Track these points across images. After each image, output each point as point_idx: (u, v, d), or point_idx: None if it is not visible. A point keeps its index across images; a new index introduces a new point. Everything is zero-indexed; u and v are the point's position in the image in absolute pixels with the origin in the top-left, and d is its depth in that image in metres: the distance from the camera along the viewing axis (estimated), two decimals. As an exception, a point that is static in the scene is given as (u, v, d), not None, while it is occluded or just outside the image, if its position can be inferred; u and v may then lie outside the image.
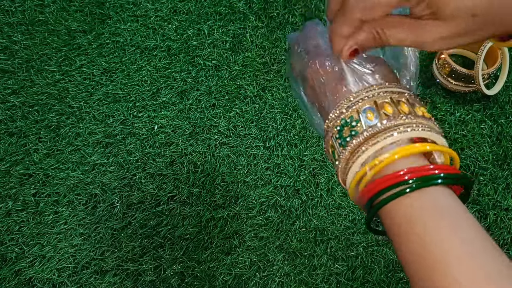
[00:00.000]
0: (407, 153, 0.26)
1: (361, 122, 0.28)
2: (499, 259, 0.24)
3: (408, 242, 0.25)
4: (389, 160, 0.26)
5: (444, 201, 0.25)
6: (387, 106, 0.28)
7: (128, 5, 1.04)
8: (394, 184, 0.26)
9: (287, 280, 0.79)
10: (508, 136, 0.90)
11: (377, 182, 0.26)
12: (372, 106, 0.28)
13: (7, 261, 0.80)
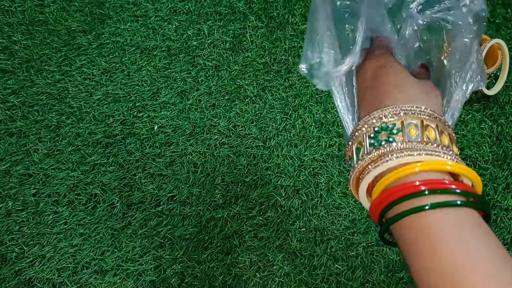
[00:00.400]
0: (427, 167, 0.26)
1: (402, 133, 0.27)
2: None
3: (425, 260, 0.24)
4: (409, 171, 0.26)
5: (465, 219, 0.25)
6: (431, 130, 0.28)
7: (128, 5, 1.04)
8: (410, 194, 0.25)
9: (287, 280, 0.79)
10: (508, 136, 0.90)
11: (391, 191, 0.26)
12: (418, 124, 0.28)
13: (7, 261, 0.80)
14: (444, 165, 0.26)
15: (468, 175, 0.26)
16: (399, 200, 0.25)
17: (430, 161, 0.26)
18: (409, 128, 0.27)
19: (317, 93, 0.95)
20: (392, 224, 0.26)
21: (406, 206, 0.25)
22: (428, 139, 0.27)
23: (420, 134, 0.27)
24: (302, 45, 0.99)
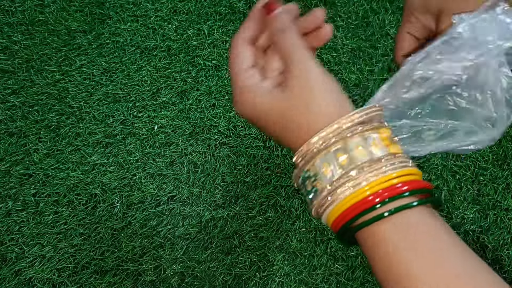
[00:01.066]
0: (376, 188, 0.27)
1: (325, 172, 0.29)
2: (477, 267, 0.26)
3: (382, 264, 0.26)
4: (361, 196, 0.27)
5: (414, 219, 0.26)
6: (358, 148, 0.28)
7: (128, 5, 1.04)
8: (364, 210, 0.27)
9: (287, 280, 0.79)
10: (508, 136, 0.90)
11: (349, 211, 0.27)
12: (342, 150, 0.29)
13: (7, 261, 0.80)
14: (389, 181, 0.27)
15: (411, 178, 0.27)
16: (356, 217, 0.27)
17: (376, 181, 0.27)
18: (333, 162, 0.28)
19: (317, 93, 0.95)
20: (356, 232, 0.28)
21: (364, 219, 0.27)
22: (356, 163, 0.27)
23: (348, 160, 0.27)
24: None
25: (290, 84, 0.29)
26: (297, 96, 0.29)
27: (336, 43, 1.00)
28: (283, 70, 0.31)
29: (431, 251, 0.26)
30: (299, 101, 0.29)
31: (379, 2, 1.05)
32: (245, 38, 0.32)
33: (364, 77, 0.96)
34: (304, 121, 0.28)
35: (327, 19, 0.34)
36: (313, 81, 0.29)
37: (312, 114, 0.28)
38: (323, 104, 0.28)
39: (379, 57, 0.98)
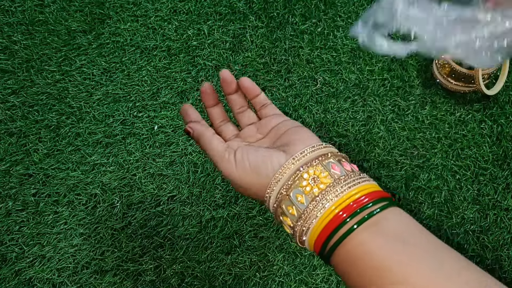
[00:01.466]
0: (343, 206, 0.30)
1: (292, 206, 0.33)
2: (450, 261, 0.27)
3: (364, 274, 0.28)
4: (332, 215, 0.30)
5: (386, 224, 0.29)
6: (321, 174, 0.33)
7: (128, 5, 1.04)
8: (336, 227, 0.29)
9: (287, 280, 0.79)
10: (508, 136, 0.90)
11: (322, 233, 0.30)
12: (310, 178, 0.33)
13: (7, 261, 0.80)
14: (353, 196, 0.30)
15: (368, 190, 0.31)
16: (331, 235, 0.30)
17: (342, 198, 0.30)
18: (301, 194, 0.32)
19: (317, 93, 0.95)
20: (331, 258, 0.31)
21: (337, 236, 0.30)
22: (321, 187, 0.31)
23: (312, 189, 0.32)
24: (302, 45, 1.00)
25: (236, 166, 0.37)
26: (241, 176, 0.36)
27: (336, 43, 1.00)
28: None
29: (412, 246, 0.27)
30: (244, 178, 0.36)
31: (379, 2, 1.05)
32: (211, 134, 0.39)
33: (364, 77, 0.96)
34: (257, 185, 0.35)
35: (327, 19, 0.36)
36: (244, 164, 0.35)
37: (261, 178, 0.34)
38: (265, 167, 0.34)
39: (379, 57, 0.99)
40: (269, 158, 0.34)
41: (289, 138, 0.36)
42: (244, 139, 0.41)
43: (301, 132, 0.37)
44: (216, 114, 0.44)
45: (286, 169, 0.33)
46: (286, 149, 0.35)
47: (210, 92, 0.43)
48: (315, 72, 0.97)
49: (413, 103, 0.93)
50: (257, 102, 0.44)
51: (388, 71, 0.97)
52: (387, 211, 0.30)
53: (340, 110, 0.93)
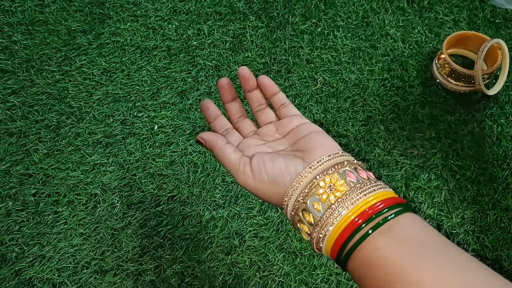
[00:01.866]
0: (358, 212, 0.31)
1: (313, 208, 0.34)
2: (474, 272, 0.27)
3: (382, 276, 0.29)
4: (347, 222, 0.31)
5: (399, 228, 0.30)
6: (336, 183, 0.34)
7: (128, 5, 1.04)
8: (353, 232, 0.30)
9: (287, 280, 0.79)
10: (508, 136, 0.90)
11: (338, 239, 0.31)
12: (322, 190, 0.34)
13: (7, 261, 0.80)
14: (369, 202, 0.31)
15: (384, 196, 0.32)
16: (347, 241, 0.31)
17: (358, 205, 0.31)
18: (318, 202, 0.33)
19: (317, 93, 0.95)
20: (348, 263, 0.31)
21: (353, 241, 0.30)
22: (337, 195, 0.32)
23: (329, 197, 0.32)
24: (302, 45, 1.00)
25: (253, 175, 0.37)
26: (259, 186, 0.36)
27: (336, 43, 1.00)
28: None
29: (425, 255, 0.28)
30: (265, 186, 0.36)
31: (379, 2, 1.05)
32: (224, 144, 0.39)
33: (364, 77, 0.96)
34: (278, 190, 0.35)
35: (327, 19, 0.36)
36: (262, 176, 0.35)
37: (279, 188, 0.35)
38: (286, 172, 0.35)
39: (379, 57, 0.99)
40: (287, 169, 0.35)
41: (308, 145, 0.37)
42: (261, 136, 0.41)
43: (320, 139, 0.37)
44: (234, 110, 0.44)
45: (303, 177, 0.33)
46: (304, 156, 0.36)
47: (228, 87, 0.43)
48: (315, 72, 0.97)
49: (413, 103, 0.93)
50: (276, 101, 0.44)
51: (388, 71, 0.97)
52: (402, 216, 0.30)
53: (340, 110, 0.93)
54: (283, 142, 0.40)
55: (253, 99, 0.44)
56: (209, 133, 0.40)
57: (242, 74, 0.43)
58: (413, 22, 1.03)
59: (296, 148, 0.38)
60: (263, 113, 0.44)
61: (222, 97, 0.43)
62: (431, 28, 1.02)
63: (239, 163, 0.37)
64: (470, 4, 1.05)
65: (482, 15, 1.03)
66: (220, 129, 0.43)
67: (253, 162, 0.36)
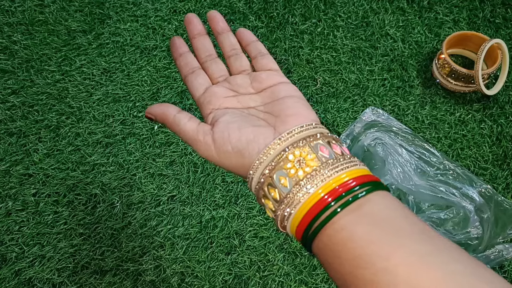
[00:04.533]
0: (329, 189, 0.28)
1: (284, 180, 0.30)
2: (442, 247, 0.24)
3: (350, 259, 0.25)
4: (317, 199, 0.28)
5: (372, 207, 0.27)
6: (307, 156, 0.30)
7: (128, 5, 1.04)
8: (321, 210, 0.27)
9: (287, 280, 0.79)
10: (508, 136, 0.90)
11: (306, 216, 0.28)
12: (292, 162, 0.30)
13: (7, 261, 0.80)
14: (340, 180, 0.28)
15: (357, 174, 0.28)
16: (313, 220, 0.27)
17: (329, 183, 0.28)
18: (285, 176, 0.29)
19: (317, 93, 0.95)
20: (313, 244, 0.28)
21: (320, 221, 0.27)
22: (307, 171, 0.29)
23: (297, 172, 0.29)
24: (302, 45, 1.00)
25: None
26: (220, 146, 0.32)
27: (336, 43, 1.00)
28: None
29: (399, 237, 0.25)
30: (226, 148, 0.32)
31: (379, 2, 1.05)
32: (176, 113, 0.35)
33: (364, 77, 0.96)
34: (243, 160, 0.31)
35: (327, 19, 0.35)
36: (226, 147, 0.31)
37: (245, 159, 0.31)
38: (253, 136, 0.31)
39: (379, 57, 0.99)
40: (255, 139, 0.31)
41: (283, 111, 0.33)
42: (233, 86, 0.36)
43: (297, 106, 0.33)
44: (202, 46, 0.38)
45: (270, 149, 0.30)
46: (276, 124, 0.32)
47: (196, 20, 0.37)
48: (315, 72, 0.97)
49: (413, 103, 0.93)
50: (253, 49, 0.38)
51: (388, 71, 0.97)
52: (374, 194, 0.27)
53: (340, 110, 0.93)
54: (256, 99, 0.35)
55: (225, 41, 0.39)
56: (157, 105, 0.35)
57: (212, 16, 0.37)
58: (413, 22, 1.03)
59: (269, 111, 0.34)
60: (237, 59, 0.39)
61: (189, 32, 0.38)
62: (431, 28, 1.02)
63: (198, 133, 0.32)
64: (470, 4, 1.05)
65: (482, 15, 1.03)
66: (186, 67, 0.37)
67: (216, 131, 0.32)
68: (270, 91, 0.35)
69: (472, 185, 0.76)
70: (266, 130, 0.31)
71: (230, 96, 0.35)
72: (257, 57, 0.38)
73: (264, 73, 0.36)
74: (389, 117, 0.83)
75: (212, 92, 0.35)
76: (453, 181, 0.76)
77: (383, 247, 0.24)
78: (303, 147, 0.29)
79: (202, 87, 0.36)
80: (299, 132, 0.30)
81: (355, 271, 0.25)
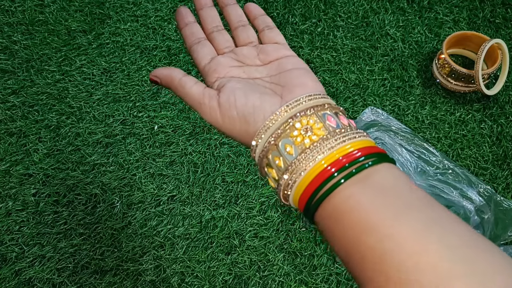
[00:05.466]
0: (332, 159, 0.27)
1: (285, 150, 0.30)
2: (454, 231, 0.23)
3: (353, 229, 0.25)
4: (319, 169, 0.27)
5: (378, 178, 0.26)
6: (314, 127, 0.30)
7: (128, 5, 1.04)
8: (325, 180, 0.27)
9: (287, 280, 0.79)
10: (508, 136, 0.90)
11: (309, 187, 0.27)
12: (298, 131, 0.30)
13: (7, 261, 0.80)
14: (345, 150, 0.27)
15: (363, 145, 0.28)
16: (317, 190, 0.27)
17: (333, 153, 0.27)
18: (291, 144, 0.29)
19: (317, 93, 0.95)
20: (316, 213, 0.28)
21: (323, 191, 0.27)
22: (313, 139, 0.28)
23: (303, 140, 0.28)
24: (302, 45, 1.00)
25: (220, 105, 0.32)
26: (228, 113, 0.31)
27: (336, 43, 1.00)
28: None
29: (405, 209, 0.25)
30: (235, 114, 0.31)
31: (379, 2, 1.05)
32: (182, 76, 0.34)
33: (364, 77, 0.96)
34: (249, 123, 0.31)
35: (327, 19, 0.35)
36: (231, 112, 0.31)
37: (250, 126, 0.30)
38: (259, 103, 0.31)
39: (379, 57, 0.99)
40: (262, 105, 0.30)
41: (290, 81, 0.32)
42: (239, 57, 0.36)
43: (304, 77, 0.32)
44: (208, 17, 0.37)
45: (278, 116, 0.29)
46: (283, 93, 0.31)
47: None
48: (315, 72, 0.97)
49: (413, 103, 0.93)
50: (260, 22, 0.37)
51: (388, 71, 0.97)
52: (381, 166, 0.27)
53: (340, 110, 0.93)
54: (261, 71, 0.34)
55: (232, 13, 0.38)
56: (163, 68, 0.34)
57: None
58: (413, 22, 1.03)
59: (275, 81, 0.33)
60: (243, 31, 0.38)
61: (197, 3, 0.37)
62: (431, 28, 1.02)
63: (203, 96, 0.32)
64: (470, 4, 1.05)
65: (482, 15, 1.03)
66: (191, 37, 0.37)
67: (222, 95, 0.31)
68: (277, 63, 0.34)
69: (471, 185, 0.76)
70: (273, 98, 0.31)
71: (235, 66, 0.35)
72: (264, 30, 0.37)
73: (271, 46, 0.36)
74: (389, 117, 0.83)
75: (217, 61, 0.35)
76: (453, 181, 0.76)
77: (388, 214, 0.24)
78: (311, 115, 0.29)
79: (208, 56, 0.35)
80: (307, 101, 0.30)
81: (359, 237, 0.24)
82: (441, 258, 0.22)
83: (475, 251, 0.22)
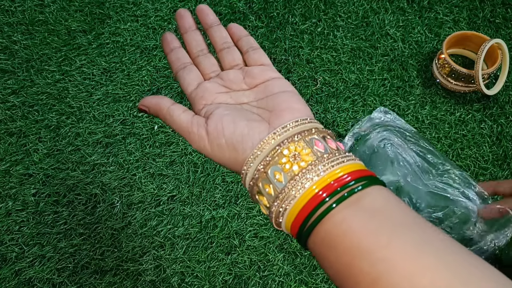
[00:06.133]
0: (323, 184, 0.27)
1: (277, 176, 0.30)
2: (438, 243, 0.24)
3: (345, 254, 0.25)
4: (311, 195, 0.27)
5: (369, 201, 0.26)
6: (302, 154, 0.30)
7: (128, 5, 1.04)
8: (316, 205, 0.27)
9: (287, 280, 0.79)
10: (508, 136, 0.90)
11: (301, 213, 0.27)
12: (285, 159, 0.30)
13: (7, 261, 0.80)
14: (335, 175, 0.27)
15: (352, 169, 0.28)
16: (308, 216, 0.27)
17: (324, 178, 0.27)
18: (281, 172, 0.29)
19: (317, 93, 0.95)
20: (309, 239, 0.28)
21: (315, 216, 0.27)
22: (302, 165, 0.28)
23: (292, 167, 0.28)
24: (302, 45, 1.00)
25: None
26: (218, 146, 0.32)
27: (336, 43, 1.00)
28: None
29: (397, 230, 0.25)
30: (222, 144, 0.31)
31: (379, 2, 1.05)
32: (170, 105, 0.35)
33: (364, 77, 0.96)
34: (237, 156, 0.31)
35: (327, 19, 0.35)
36: (219, 141, 0.31)
37: (238, 154, 0.30)
38: (246, 131, 0.31)
39: (379, 57, 0.99)
40: (250, 133, 0.30)
41: (277, 105, 0.32)
42: (225, 82, 0.36)
43: (291, 101, 0.32)
44: (193, 41, 0.38)
45: (265, 144, 0.29)
46: (271, 119, 0.31)
47: (187, 15, 0.37)
48: (315, 72, 0.97)
49: (413, 103, 0.93)
50: (244, 43, 0.37)
51: (388, 71, 0.97)
52: (371, 188, 0.27)
53: (340, 110, 0.93)
54: (248, 95, 0.34)
55: (216, 35, 0.38)
56: (151, 97, 0.34)
57: (200, 9, 0.37)
58: (413, 22, 1.03)
59: (262, 106, 0.33)
60: (229, 53, 0.38)
61: (180, 26, 0.37)
62: (431, 28, 1.02)
63: (192, 125, 0.32)
64: (470, 4, 1.05)
65: (482, 15, 1.03)
66: (177, 63, 0.37)
67: (210, 123, 0.31)
68: (264, 86, 0.34)
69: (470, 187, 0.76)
70: (261, 125, 0.31)
71: (222, 92, 0.35)
72: (249, 52, 0.37)
73: (257, 68, 0.36)
74: (397, 117, 0.84)
75: (204, 88, 0.35)
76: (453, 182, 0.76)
77: (380, 237, 0.24)
78: (298, 141, 0.29)
79: (194, 82, 0.36)
80: (294, 127, 0.30)
81: (353, 262, 0.24)
82: (436, 278, 0.22)
83: (470, 270, 0.22)
